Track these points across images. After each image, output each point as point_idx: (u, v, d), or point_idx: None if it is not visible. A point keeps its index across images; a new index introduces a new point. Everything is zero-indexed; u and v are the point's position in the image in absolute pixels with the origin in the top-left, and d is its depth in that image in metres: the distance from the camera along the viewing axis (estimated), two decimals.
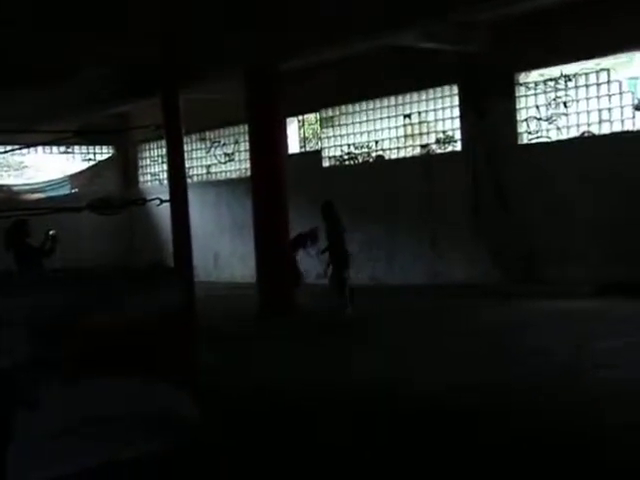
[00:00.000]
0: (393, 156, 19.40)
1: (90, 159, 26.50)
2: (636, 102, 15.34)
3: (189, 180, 23.52)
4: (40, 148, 25.13)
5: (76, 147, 26.05)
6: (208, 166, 24.20)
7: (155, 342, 6.49)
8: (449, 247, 17.55)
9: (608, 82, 15.59)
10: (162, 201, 7.88)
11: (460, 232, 16.79)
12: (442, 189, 17.66)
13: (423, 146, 18.76)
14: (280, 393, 8.92)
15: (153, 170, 26.17)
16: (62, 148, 25.71)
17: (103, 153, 26.71)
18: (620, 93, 15.47)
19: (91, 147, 26.33)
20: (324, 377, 9.67)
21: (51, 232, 11.62)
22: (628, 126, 15.35)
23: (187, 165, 23.23)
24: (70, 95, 19.20)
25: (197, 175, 24.55)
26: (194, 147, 24.38)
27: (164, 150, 18.68)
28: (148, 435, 5.99)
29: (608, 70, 15.60)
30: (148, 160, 26.45)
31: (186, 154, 23.26)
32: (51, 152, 25.80)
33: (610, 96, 15.58)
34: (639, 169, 14.59)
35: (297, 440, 7.10)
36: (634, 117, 15.29)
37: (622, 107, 15.46)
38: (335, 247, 14.33)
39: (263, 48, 15.05)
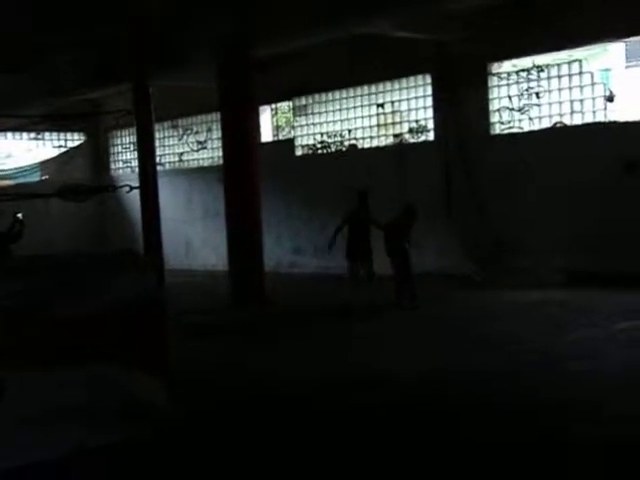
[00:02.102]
0: (366, 145, 19.38)
1: (61, 146, 26.24)
2: (608, 93, 15.41)
3: (161, 168, 23.40)
4: (10, 134, 24.88)
5: (46, 134, 25.79)
6: (180, 154, 24.05)
7: (124, 329, 6.44)
8: (421, 236, 17.52)
9: (580, 73, 15.65)
10: (132, 188, 7.79)
11: (432, 222, 16.75)
12: (415, 178, 17.65)
13: (396, 135, 18.75)
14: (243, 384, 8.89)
15: (125, 157, 25.97)
16: (32, 134, 25.44)
17: (74, 140, 26.46)
18: (592, 84, 15.53)
19: (62, 134, 26.07)
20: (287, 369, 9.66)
21: (18, 214, 11.50)
22: (600, 117, 15.41)
23: (159, 153, 23.09)
24: (40, 80, 18.99)
25: (169, 163, 24.41)
26: (166, 135, 24.22)
27: (136, 137, 18.54)
28: (114, 424, 5.95)
29: (580, 61, 15.66)
30: (120, 147, 26.25)
31: (158, 142, 23.14)
32: (21, 138, 25.52)
33: (582, 87, 15.64)
34: (610, 160, 14.66)
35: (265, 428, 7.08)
36: (605, 108, 15.36)
37: (594, 98, 15.53)
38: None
39: (236, 33, 14.93)
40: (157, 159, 18.19)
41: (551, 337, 10.43)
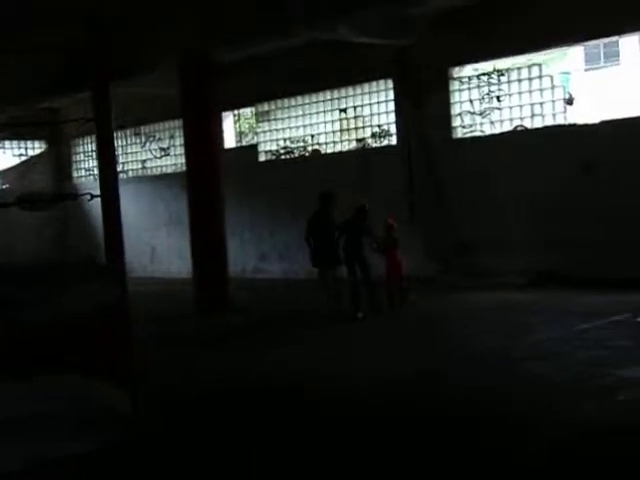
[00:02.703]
0: (329, 150, 19.42)
1: (22, 154, 25.99)
2: (567, 96, 15.58)
3: (124, 175, 23.31)
4: None
5: (7, 142, 25.53)
6: (143, 161, 23.93)
7: (89, 338, 6.40)
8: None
9: (540, 77, 15.81)
10: (93, 196, 7.73)
11: (397, 225, 16.81)
12: (378, 183, 17.69)
13: (359, 140, 18.81)
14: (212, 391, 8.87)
15: (87, 165, 25.78)
16: None
17: (35, 148, 26.22)
18: (552, 87, 15.69)
19: (22, 142, 25.83)
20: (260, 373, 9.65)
21: None
22: (559, 120, 15.57)
23: (122, 160, 23.02)
24: None
25: (132, 170, 24.27)
26: (129, 142, 24.09)
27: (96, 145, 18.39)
28: (80, 434, 5.90)
29: (540, 65, 15.82)
30: (81, 155, 26.05)
31: (121, 149, 23.09)
32: None
33: (542, 90, 15.80)
34: (571, 161, 14.81)
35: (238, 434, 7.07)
36: (565, 111, 15.52)
37: (554, 101, 15.69)
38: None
39: (196, 36, 14.87)
40: (120, 166, 18.10)
41: (512, 339, 10.50)
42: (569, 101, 15.55)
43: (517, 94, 16.13)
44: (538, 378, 8.37)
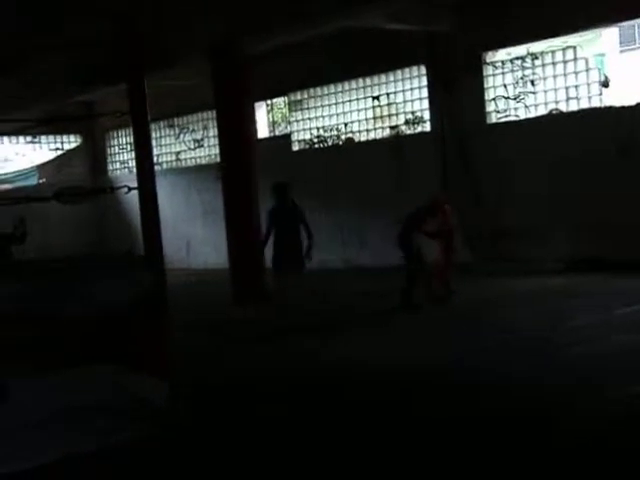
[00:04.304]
0: (363, 138, 19.38)
1: (57, 148, 26.22)
2: (602, 79, 15.41)
3: (158, 167, 23.39)
4: (6, 139, 24.88)
5: (43, 137, 25.77)
6: (177, 153, 24.04)
7: (126, 330, 6.45)
8: None
9: (575, 59, 15.63)
10: (130, 189, 7.78)
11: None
12: (412, 170, 17.65)
13: (392, 127, 18.75)
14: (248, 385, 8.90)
15: (122, 158, 25.95)
16: (29, 138, 25.42)
17: (70, 142, 26.44)
18: (587, 70, 15.52)
19: (58, 136, 26.05)
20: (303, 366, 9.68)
21: (22, 218, 11.51)
22: (595, 103, 15.41)
23: (156, 152, 23.11)
24: (34, 83, 18.96)
25: (166, 162, 24.40)
26: (163, 134, 24.21)
27: (132, 138, 18.50)
28: (119, 425, 5.96)
29: (574, 47, 15.65)
30: (117, 148, 26.23)
31: (155, 141, 23.18)
32: (17, 142, 25.51)
33: (577, 73, 15.63)
34: (606, 145, 14.66)
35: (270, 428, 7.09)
36: (601, 94, 15.35)
37: (589, 84, 15.52)
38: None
39: (230, 29, 14.87)
40: (154, 158, 18.13)
41: (552, 324, 10.43)
42: (605, 83, 15.37)
43: (552, 77, 15.98)
44: (580, 363, 8.30)
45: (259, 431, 6.89)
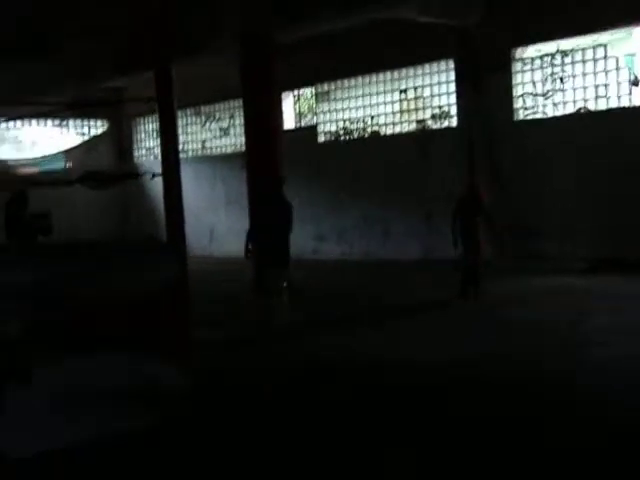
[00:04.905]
0: (389, 131, 19.33)
1: (84, 133, 26.36)
2: (632, 78, 15.27)
3: (184, 155, 23.44)
4: (34, 122, 25.01)
5: (70, 121, 25.89)
6: (203, 141, 24.09)
7: (148, 315, 6.49)
8: (444, 222, 17.46)
9: (605, 58, 15.51)
10: (154, 175, 7.81)
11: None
12: (437, 164, 17.60)
13: (419, 121, 18.69)
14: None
15: (148, 145, 26.05)
16: (56, 122, 25.56)
17: (98, 127, 26.56)
18: (617, 69, 15.39)
19: (85, 121, 26.19)
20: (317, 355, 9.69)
21: (45, 211, 11.57)
22: (624, 102, 15.28)
23: (182, 140, 23.16)
24: (62, 68, 19.05)
25: (192, 150, 24.46)
26: (189, 121, 24.27)
27: (158, 124, 18.56)
28: (137, 409, 5.99)
29: (605, 46, 15.52)
30: (143, 134, 26.33)
31: (181, 128, 23.22)
32: (45, 125, 25.65)
33: (607, 72, 15.50)
34: (635, 144, 14.54)
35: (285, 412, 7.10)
36: (630, 93, 15.22)
37: (618, 83, 15.39)
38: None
39: (259, 17, 14.88)
40: (180, 146, 18.17)
41: (574, 324, 10.38)
42: (635, 82, 15.24)
43: (581, 75, 15.86)
44: (602, 365, 8.26)
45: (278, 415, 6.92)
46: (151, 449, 5.95)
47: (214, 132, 23.69)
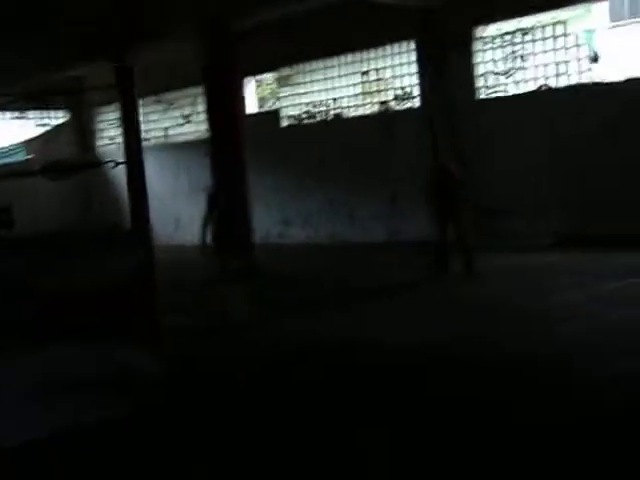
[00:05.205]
0: (352, 114, 19.31)
1: (45, 124, 26.05)
2: (592, 54, 15.36)
3: (146, 143, 23.27)
4: None
5: (30, 112, 25.58)
6: (165, 129, 23.93)
7: (115, 304, 6.44)
8: (409, 204, 17.53)
9: (564, 35, 15.58)
10: (117, 164, 7.73)
11: (419, 189, 16.72)
12: (401, 146, 17.62)
13: (382, 103, 18.68)
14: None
15: (110, 134, 25.81)
16: (16, 113, 25.23)
17: (58, 117, 26.26)
18: (576, 46, 15.47)
19: (45, 112, 25.87)
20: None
21: (6, 206, 11.39)
22: (585, 79, 15.37)
23: (144, 128, 22.95)
24: (21, 58, 18.79)
25: (154, 138, 24.27)
26: (151, 110, 24.07)
27: (120, 113, 18.40)
28: (111, 396, 5.96)
29: (564, 23, 15.59)
30: (104, 124, 26.08)
31: (143, 117, 23.02)
32: (4, 117, 25.31)
33: (567, 49, 15.58)
34: (596, 120, 14.65)
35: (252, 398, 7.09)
36: (590, 70, 15.31)
37: (579, 60, 15.48)
38: None
39: (215, 7, 14.77)
40: (142, 134, 18.02)
41: (541, 300, 10.45)
42: (594, 59, 15.33)
43: (541, 53, 15.93)
44: (570, 339, 8.33)
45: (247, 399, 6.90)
46: (126, 436, 5.92)
47: (176, 120, 23.53)
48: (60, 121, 26.31)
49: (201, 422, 6.39)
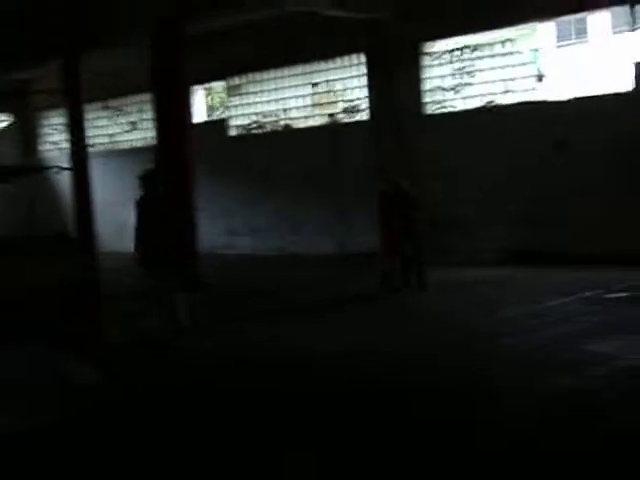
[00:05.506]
0: (301, 125, 19.31)
1: None
2: (538, 73, 15.56)
3: (92, 149, 23.02)
4: None
5: None
6: (111, 135, 23.69)
7: (58, 309, 6.34)
8: (357, 217, 17.57)
9: (512, 53, 15.77)
10: (61, 169, 7.61)
11: (367, 201, 16.74)
12: (349, 158, 17.67)
13: (331, 115, 18.72)
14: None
15: (54, 139, 25.45)
16: None
17: (1, 121, 25.85)
18: (523, 64, 15.67)
19: None
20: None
21: None
22: (531, 96, 15.56)
23: (90, 134, 22.70)
24: None
25: (100, 144, 24.00)
26: (97, 116, 23.81)
27: (66, 118, 18.18)
28: (47, 404, 5.83)
29: (512, 41, 15.78)
30: (49, 128, 25.73)
31: (89, 123, 22.76)
32: None
33: (514, 66, 15.77)
34: (542, 138, 14.85)
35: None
36: (535, 88, 15.51)
37: (525, 78, 15.67)
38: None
39: (169, 6, 14.66)
40: (88, 140, 17.85)
41: (482, 315, 10.53)
42: (540, 78, 15.54)
43: (489, 70, 16.10)
44: (510, 354, 8.38)
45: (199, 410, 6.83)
46: (63, 444, 5.81)
47: (123, 126, 23.31)
48: (3, 125, 25.89)
49: (121, 433, 6.26)
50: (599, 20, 20.04)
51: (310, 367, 8.43)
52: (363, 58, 17.66)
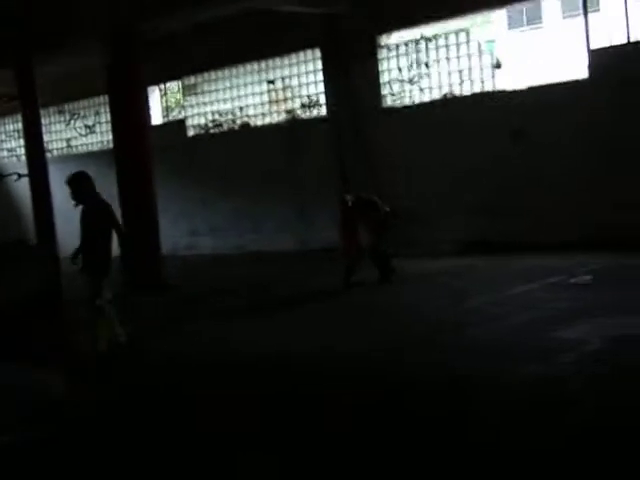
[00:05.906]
0: (259, 123, 19.24)
1: None
2: (494, 62, 15.62)
3: (49, 154, 22.75)
4: None
5: None
6: (68, 139, 23.43)
7: (20, 321, 6.22)
8: (317, 213, 17.53)
9: (467, 42, 15.83)
10: (20, 176, 7.49)
11: (327, 197, 16.71)
12: (309, 154, 17.62)
13: (288, 111, 18.66)
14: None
15: (9, 145, 25.11)
16: None
17: None
18: (479, 53, 15.72)
19: None
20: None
21: None
22: (488, 86, 15.62)
23: (46, 139, 22.44)
24: None
25: (57, 149, 23.73)
26: (53, 120, 23.54)
27: (21, 124, 17.93)
28: (12, 424, 5.73)
29: (467, 31, 15.83)
30: (4, 135, 25.38)
31: (45, 127, 22.50)
32: None
33: (470, 56, 15.82)
34: (499, 128, 14.92)
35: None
36: (493, 77, 15.58)
37: (481, 67, 15.73)
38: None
39: (122, 11, 14.52)
40: (45, 146, 17.61)
41: (447, 306, 10.54)
42: (496, 66, 15.60)
43: (445, 60, 16.14)
44: (477, 345, 8.38)
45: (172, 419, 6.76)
46: (34, 461, 5.72)
47: (79, 130, 23.05)
48: None
49: (91, 445, 6.17)
50: (550, 6, 20.21)
51: (257, 368, 8.29)
52: (319, 52, 17.62)
